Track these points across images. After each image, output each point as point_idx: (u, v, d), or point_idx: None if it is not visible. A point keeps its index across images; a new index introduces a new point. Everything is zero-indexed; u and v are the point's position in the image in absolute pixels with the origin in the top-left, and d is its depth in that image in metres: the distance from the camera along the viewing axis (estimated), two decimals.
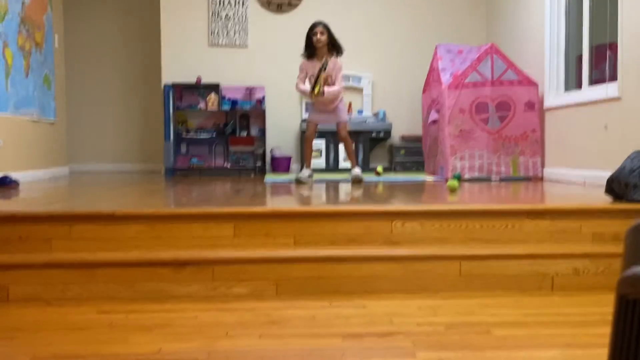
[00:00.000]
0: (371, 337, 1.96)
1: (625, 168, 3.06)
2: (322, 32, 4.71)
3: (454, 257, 2.64)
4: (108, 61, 7.38)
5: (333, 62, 4.76)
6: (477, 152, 5.20)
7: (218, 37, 6.76)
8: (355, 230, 2.75)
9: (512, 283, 2.63)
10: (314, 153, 6.52)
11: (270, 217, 2.75)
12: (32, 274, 2.50)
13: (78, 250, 2.63)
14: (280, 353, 1.82)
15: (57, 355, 1.81)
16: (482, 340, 1.92)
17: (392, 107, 6.89)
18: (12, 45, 5.10)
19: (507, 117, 5.21)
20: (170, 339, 1.96)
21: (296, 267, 2.58)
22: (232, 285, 2.54)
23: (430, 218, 2.79)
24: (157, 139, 7.11)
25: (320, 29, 4.71)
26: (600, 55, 4.61)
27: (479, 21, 6.95)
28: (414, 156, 6.60)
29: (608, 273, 2.66)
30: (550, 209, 2.87)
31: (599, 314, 2.25)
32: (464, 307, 2.34)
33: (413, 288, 2.60)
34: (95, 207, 2.92)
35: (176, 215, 2.74)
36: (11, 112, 5.07)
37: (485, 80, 5.17)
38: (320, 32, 4.70)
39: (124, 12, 7.38)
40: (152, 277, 2.52)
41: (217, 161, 6.74)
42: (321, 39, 4.70)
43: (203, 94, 6.65)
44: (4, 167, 4.87)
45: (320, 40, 4.70)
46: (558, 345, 1.89)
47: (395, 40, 6.91)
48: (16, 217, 2.66)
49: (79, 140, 7.34)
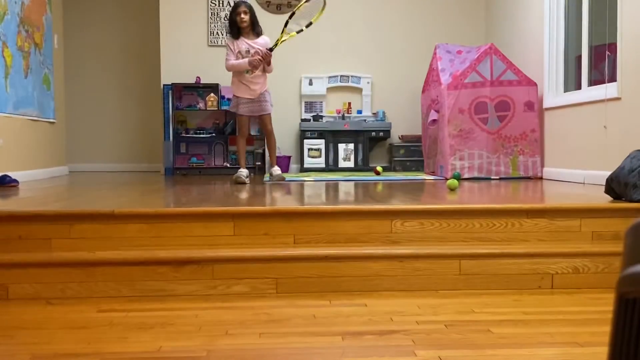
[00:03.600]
0: (371, 336, 1.96)
1: (624, 168, 3.06)
2: (245, 12, 4.76)
3: (453, 256, 2.64)
4: (107, 61, 7.38)
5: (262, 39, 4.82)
6: (477, 152, 5.20)
7: (217, 37, 6.76)
8: (355, 229, 2.76)
9: (512, 282, 2.64)
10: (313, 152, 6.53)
11: (270, 216, 2.75)
12: (32, 273, 2.50)
13: (78, 249, 2.63)
14: (280, 351, 1.82)
15: (57, 354, 1.81)
16: (482, 339, 1.92)
17: (391, 107, 6.89)
18: (12, 45, 5.10)
19: (507, 117, 5.22)
20: (170, 337, 1.96)
21: (296, 265, 2.58)
22: (232, 284, 2.54)
23: (430, 217, 2.79)
24: (156, 139, 7.11)
25: (244, 9, 4.77)
26: (599, 55, 4.61)
27: (479, 21, 6.95)
28: (414, 156, 6.61)
29: (608, 272, 2.66)
30: (550, 208, 2.87)
31: (599, 313, 2.26)
32: (463, 305, 2.34)
33: (413, 287, 2.60)
34: (95, 206, 2.92)
35: (176, 214, 2.74)
36: (10, 112, 5.07)
37: (485, 81, 5.17)
38: (244, 12, 4.76)
39: (124, 12, 7.38)
40: (152, 276, 2.52)
41: (216, 161, 6.74)
42: (245, 18, 4.75)
43: (202, 94, 6.65)
44: (4, 166, 4.87)
45: (244, 20, 4.74)
46: (558, 343, 1.89)
47: (394, 41, 6.91)
48: (16, 217, 2.67)
49: (78, 140, 7.34)
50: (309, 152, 6.59)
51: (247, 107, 4.82)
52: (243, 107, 4.83)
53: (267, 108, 4.87)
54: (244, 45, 4.79)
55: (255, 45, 4.77)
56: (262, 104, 4.84)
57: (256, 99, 4.81)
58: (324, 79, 6.77)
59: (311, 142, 6.57)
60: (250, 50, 4.77)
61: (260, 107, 4.84)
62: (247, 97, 4.80)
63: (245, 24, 4.76)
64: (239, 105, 4.84)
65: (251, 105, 4.82)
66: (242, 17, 4.75)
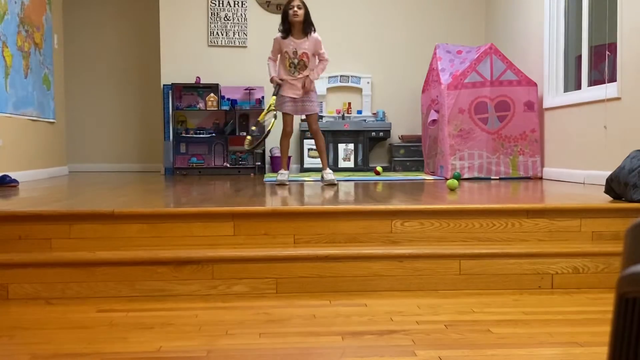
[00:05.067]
0: (371, 336, 1.96)
1: (624, 168, 3.06)
2: (299, 7, 4.43)
3: (453, 256, 2.64)
4: (107, 61, 7.38)
5: (310, 40, 4.52)
6: (477, 151, 5.20)
7: (217, 37, 6.76)
8: (355, 229, 2.76)
9: (512, 282, 2.64)
10: (313, 153, 6.53)
11: (269, 216, 2.75)
12: (32, 273, 2.49)
13: (78, 249, 2.63)
14: (280, 351, 1.82)
15: (57, 354, 1.81)
16: (482, 339, 1.92)
17: (391, 107, 6.89)
18: (12, 45, 5.10)
19: (507, 117, 5.22)
20: (170, 337, 1.96)
21: (296, 265, 2.58)
22: (232, 284, 2.54)
23: (430, 217, 2.79)
24: (156, 139, 7.11)
25: (298, 3, 4.43)
26: (599, 55, 4.61)
27: (479, 21, 6.95)
28: (414, 156, 6.61)
29: (608, 272, 2.66)
30: (550, 208, 2.87)
31: (599, 313, 2.26)
32: (463, 305, 2.34)
33: (413, 287, 2.60)
34: (95, 206, 2.92)
35: (176, 214, 2.74)
36: (10, 112, 5.06)
37: (485, 81, 5.17)
38: (298, 7, 4.42)
39: (124, 12, 7.37)
40: (152, 276, 2.52)
41: (216, 161, 6.74)
42: (299, 13, 4.42)
43: (202, 94, 6.65)
44: (4, 166, 4.87)
45: (298, 14, 4.42)
46: (558, 343, 1.89)
47: (394, 41, 6.91)
48: (16, 217, 2.67)
49: (78, 140, 7.34)
50: (309, 152, 6.59)
51: (291, 105, 4.64)
52: (287, 106, 4.64)
53: (312, 108, 4.64)
54: (291, 45, 4.53)
55: (302, 47, 4.52)
56: (306, 104, 4.61)
57: (299, 98, 4.59)
58: (324, 79, 6.77)
59: (311, 141, 6.54)
60: (298, 52, 4.52)
61: (304, 107, 4.62)
62: (291, 95, 4.61)
63: (297, 18, 4.43)
64: (283, 104, 4.66)
65: (294, 104, 4.62)
66: (296, 10, 4.41)
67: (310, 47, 4.54)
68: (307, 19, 4.49)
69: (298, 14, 4.43)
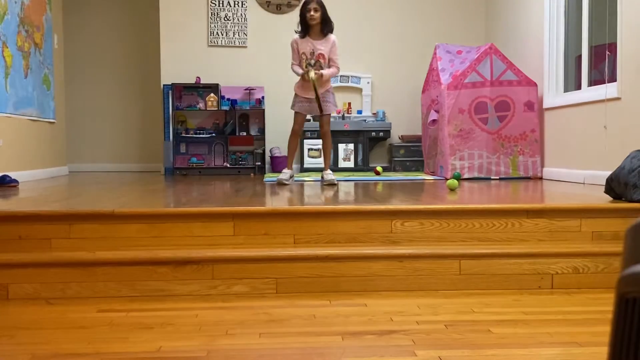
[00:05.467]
0: (371, 336, 1.96)
1: (624, 168, 3.06)
2: (315, 9, 4.42)
3: (453, 256, 2.64)
4: (107, 61, 7.38)
5: (327, 41, 4.52)
6: (477, 152, 5.20)
7: (217, 37, 6.76)
8: (355, 229, 2.76)
9: (512, 282, 2.64)
10: (313, 152, 6.53)
11: (269, 216, 2.75)
12: (32, 273, 2.49)
13: (78, 249, 2.63)
14: (280, 352, 1.82)
15: (57, 354, 1.81)
16: (482, 339, 1.92)
17: (391, 107, 6.89)
18: (12, 45, 5.10)
19: (507, 117, 5.22)
20: (170, 337, 1.96)
21: (296, 265, 2.58)
22: (232, 284, 2.54)
23: (430, 217, 2.79)
24: (156, 139, 7.11)
25: (314, 5, 4.42)
26: (599, 55, 4.61)
27: (479, 21, 6.95)
28: (414, 156, 6.61)
29: (608, 272, 2.66)
30: (550, 208, 2.87)
31: (599, 313, 2.26)
32: (463, 305, 2.34)
33: (413, 287, 2.60)
34: (95, 206, 2.92)
35: (176, 214, 2.74)
36: (10, 112, 5.06)
37: (485, 81, 5.18)
38: (314, 9, 4.42)
39: (124, 12, 7.38)
40: (152, 276, 2.52)
41: (216, 161, 6.74)
42: (315, 16, 4.42)
43: (202, 94, 6.65)
44: (4, 166, 4.87)
45: (314, 18, 4.42)
46: (558, 343, 1.89)
47: (394, 41, 6.91)
48: (16, 217, 2.67)
49: (78, 140, 7.34)
50: (309, 152, 6.59)
51: (304, 105, 4.63)
52: (300, 105, 4.64)
53: (327, 108, 4.60)
54: (308, 46, 4.52)
55: (319, 48, 4.51)
56: (322, 104, 4.54)
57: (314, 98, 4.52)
58: None
59: (311, 142, 6.57)
60: (315, 52, 4.51)
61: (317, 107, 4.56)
62: (306, 96, 4.59)
63: (314, 21, 4.43)
64: (296, 103, 4.65)
65: (309, 104, 4.62)
66: (312, 14, 4.41)
67: (327, 49, 4.53)
68: (325, 18, 4.48)
69: (314, 18, 4.44)
